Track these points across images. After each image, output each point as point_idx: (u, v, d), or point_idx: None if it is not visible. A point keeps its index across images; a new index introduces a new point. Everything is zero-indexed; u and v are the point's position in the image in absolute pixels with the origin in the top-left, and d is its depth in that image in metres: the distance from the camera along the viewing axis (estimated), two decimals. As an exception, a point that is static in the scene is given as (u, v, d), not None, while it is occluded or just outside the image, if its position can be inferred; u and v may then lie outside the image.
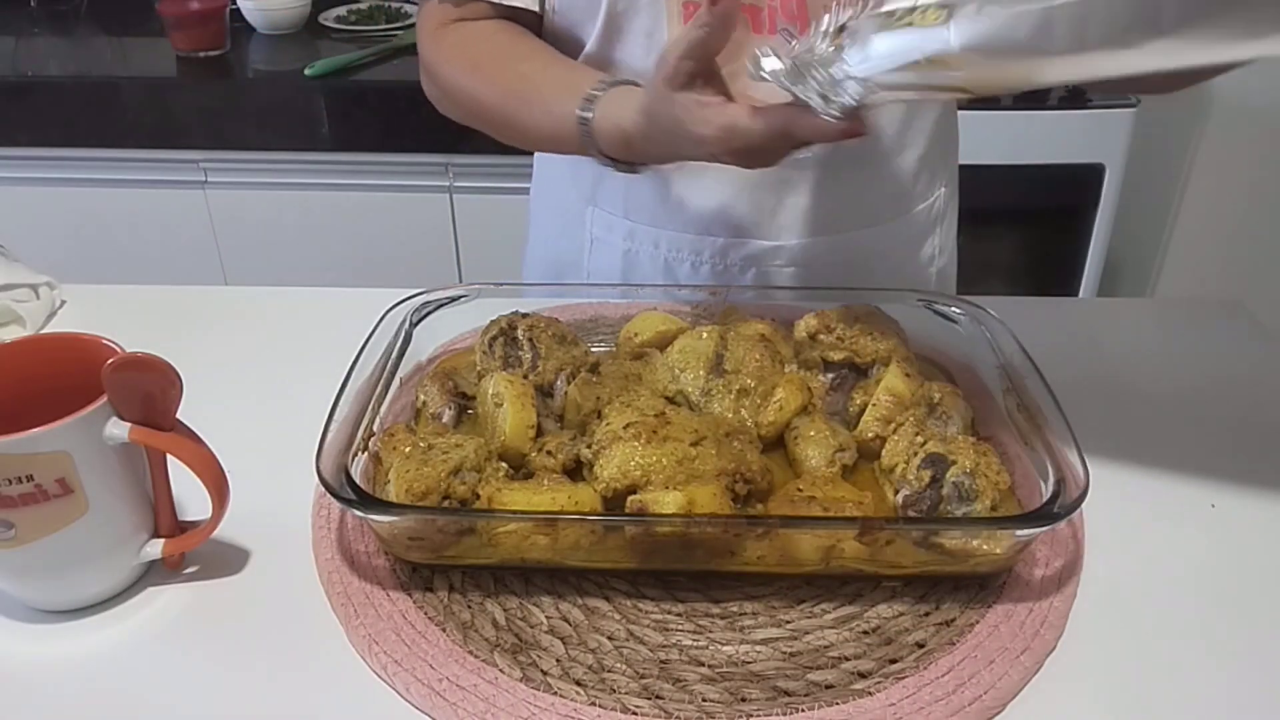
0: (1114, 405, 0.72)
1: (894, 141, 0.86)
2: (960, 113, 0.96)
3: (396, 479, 0.55)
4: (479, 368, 0.67)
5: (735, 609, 0.55)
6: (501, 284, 0.73)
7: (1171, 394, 0.74)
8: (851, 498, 0.57)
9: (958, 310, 0.71)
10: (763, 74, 0.59)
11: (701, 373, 0.65)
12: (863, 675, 0.50)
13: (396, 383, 0.65)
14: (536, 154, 0.99)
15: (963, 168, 0.96)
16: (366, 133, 1.67)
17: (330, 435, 0.56)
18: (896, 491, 0.58)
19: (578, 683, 0.50)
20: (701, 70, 0.61)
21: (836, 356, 0.68)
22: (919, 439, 0.59)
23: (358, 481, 0.53)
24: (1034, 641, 0.52)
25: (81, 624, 0.54)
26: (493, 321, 0.68)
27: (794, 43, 0.59)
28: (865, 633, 0.53)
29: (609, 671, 0.51)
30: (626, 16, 0.79)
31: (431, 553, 0.55)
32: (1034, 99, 1.76)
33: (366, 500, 0.53)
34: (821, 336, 0.68)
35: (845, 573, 0.56)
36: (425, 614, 0.54)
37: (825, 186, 0.85)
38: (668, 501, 0.53)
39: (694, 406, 0.64)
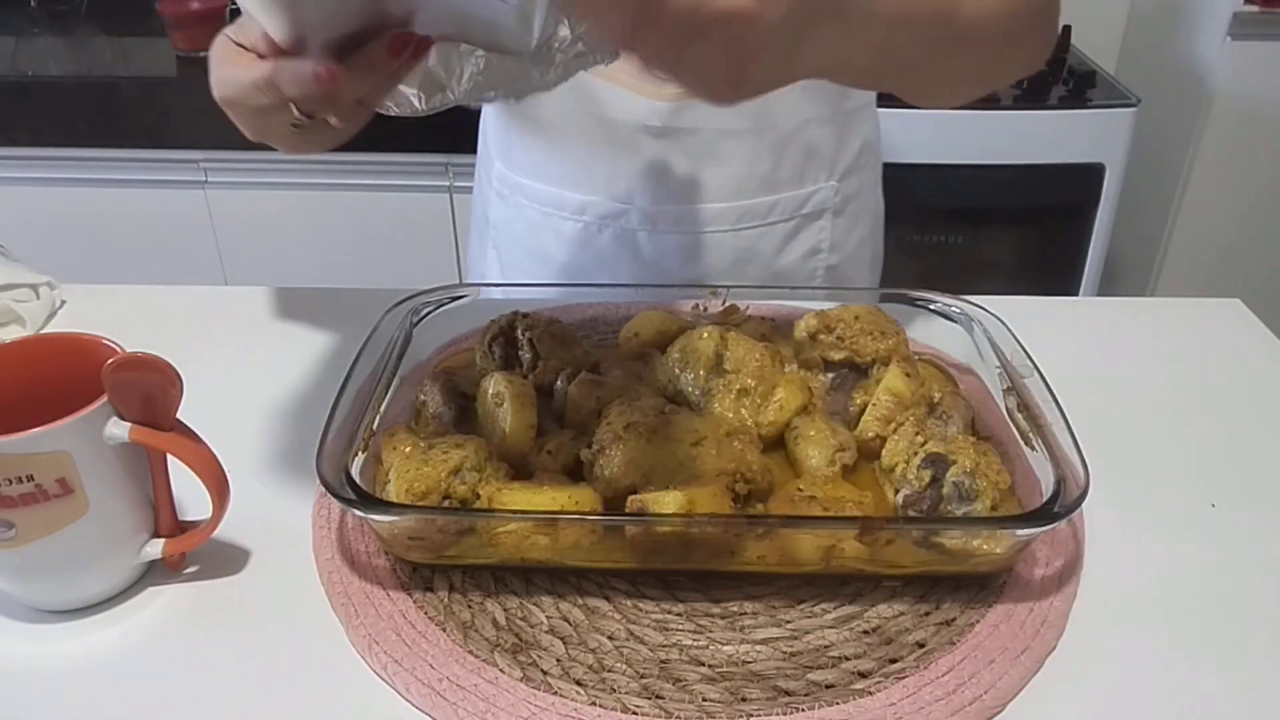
0: (1114, 405, 0.72)
1: (748, 123, 0.86)
2: (961, 112, 0.96)
3: (397, 479, 0.55)
4: (479, 368, 0.67)
5: (735, 609, 0.55)
6: (501, 284, 0.73)
7: (1171, 394, 0.74)
8: (852, 497, 0.57)
9: (958, 310, 0.71)
10: None
11: (702, 372, 0.65)
12: (863, 675, 0.50)
13: (397, 383, 0.65)
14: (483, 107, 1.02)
15: (963, 168, 0.96)
16: (366, 133, 1.67)
17: (330, 435, 0.56)
18: (897, 491, 0.58)
19: (578, 682, 0.50)
20: None
21: (837, 356, 0.68)
22: (919, 439, 0.59)
23: (358, 481, 0.53)
24: (1034, 641, 0.52)
25: (81, 624, 0.54)
26: (493, 321, 0.68)
27: None
28: (865, 632, 0.53)
29: (609, 671, 0.51)
30: None
31: (432, 552, 0.55)
32: (1035, 99, 1.76)
33: (367, 500, 0.53)
34: (822, 336, 0.68)
35: (845, 572, 0.56)
36: (425, 614, 0.54)
37: (676, 158, 0.87)
38: (668, 501, 0.53)
39: (694, 406, 0.64)
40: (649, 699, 0.49)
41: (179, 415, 0.53)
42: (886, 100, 0.84)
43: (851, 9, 0.54)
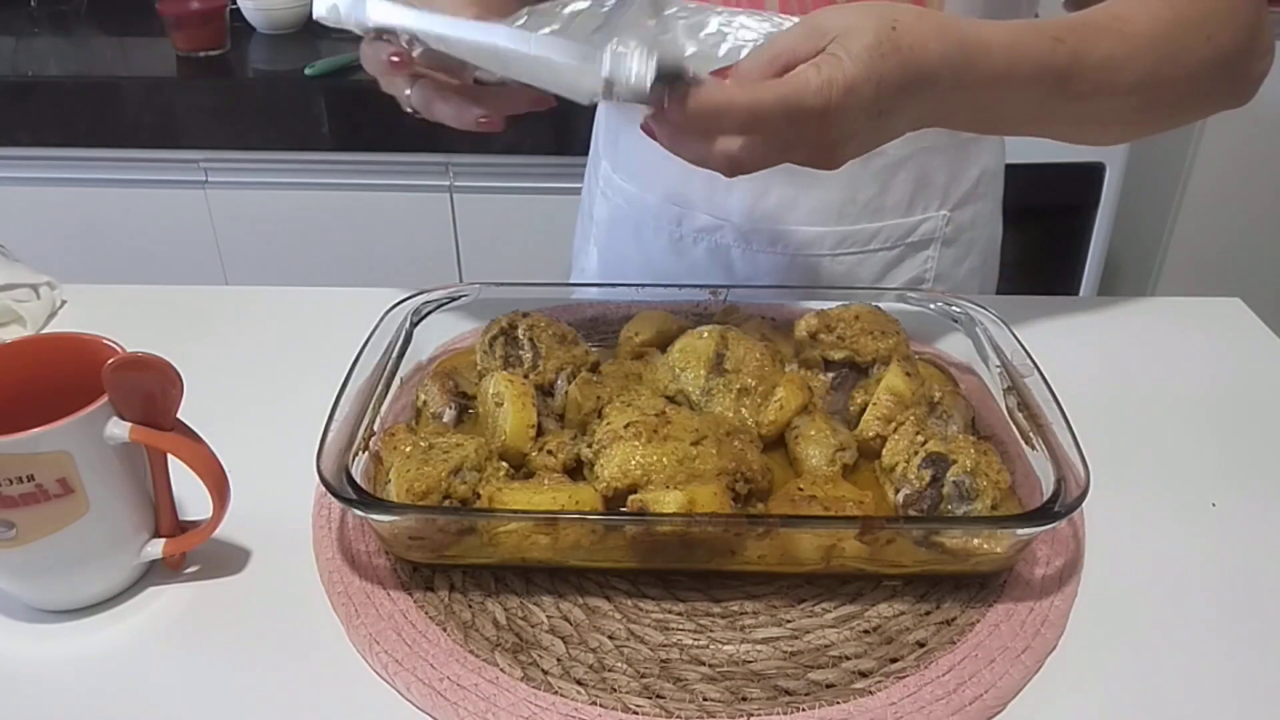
0: (1114, 404, 0.72)
1: None
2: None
3: (397, 478, 0.55)
4: (479, 367, 0.67)
5: (736, 608, 0.55)
6: (501, 283, 0.73)
7: (1171, 393, 0.74)
8: (852, 497, 0.57)
9: (958, 309, 0.71)
10: None
11: (702, 372, 0.65)
12: (863, 674, 0.50)
13: (397, 382, 0.65)
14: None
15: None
16: (366, 133, 1.67)
17: (331, 435, 0.56)
18: (897, 491, 0.58)
19: (579, 682, 0.50)
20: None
21: (837, 356, 0.68)
22: (919, 438, 0.59)
23: (358, 481, 0.53)
24: (1035, 640, 0.52)
25: (82, 624, 0.54)
26: (493, 321, 0.68)
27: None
28: (866, 632, 0.53)
29: (610, 671, 0.51)
30: None
31: (432, 552, 0.55)
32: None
33: (367, 500, 0.53)
34: (822, 335, 0.68)
35: (846, 572, 0.56)
36: (426, 613, 0.54)
37: (774, 175, 0.81)
38: (668, 501, 0.53)
39: (694, 406, 0.64)
40: (649, 698, 0.49)
41: (179, 415, 0.53)
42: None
43: (938, 80, 0.55)
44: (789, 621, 0.54)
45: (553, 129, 1.64)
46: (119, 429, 0.51)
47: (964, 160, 0.89)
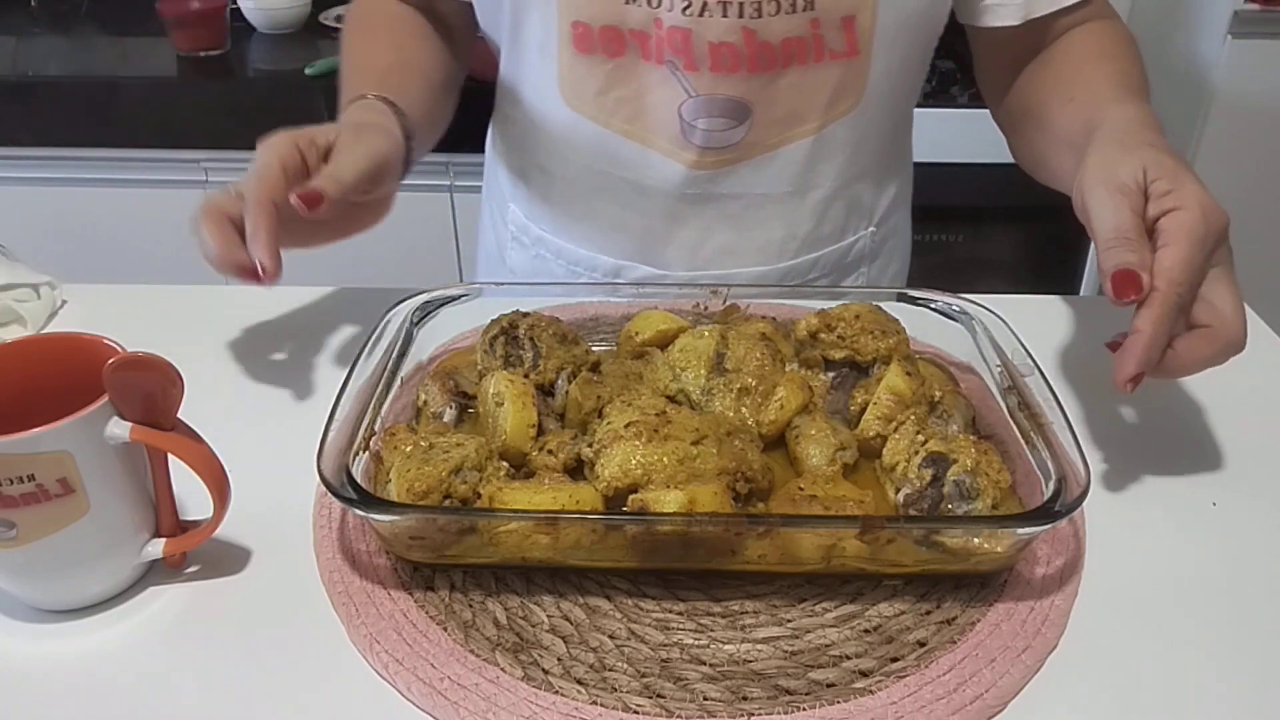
0: (1115, 403, 0.72)
1: (790, 186, 0.85)
2: (962, 111, 0.96)
3: (397, 478, 0.55)
4: (480, 367, 0.67)
5: (736, 608, 0.55)
6: (502, 283, 0.73)
7: (1172, 393, 0.74)
8: (852, 496, 0.57)
9: (958, 308, 0.71)
10: None
11: (702, 372, 0.65)
12: (864, 674, 0.50)
13: (397, 382, 0.65)
14: (487, 138, 1.01)
15: (963, 166, 0.96)
16: (366, 132, 1.67)
17: (331, 435, 0.56)
18: (897, 490, 0.58)
19: (579, 682, 0.50)
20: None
21: (837, 355, 0.68)
22: (920, 438, 0.59)
23: (359, 481, 0.53)
24: (1035, 640, 0.52)
25: (82, 624, 0.54)
26: (494, 320, 0.68)
27: None
28: (866, 631, 0.53)
29: (610, 670, 0.51)
30: (524, 29, 0.80)
31: (433, 552, 0.55)
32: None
33: (367, 499, 0.53)
34: (822, 335, 0.68)
35: (846, 571, 0.56)
36: (426, 613, 0.54)
37: (715, 223, 0.86)
38: (669, 500, 0.53)
39: (695, 405, 0.64)
40: (650, 698, 0.49)
41: (180, 415, 0.53)
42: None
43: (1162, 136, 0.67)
44: (789, 621, 0.54)
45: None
46: (119, 429, 0.51)
47: (887, 178, 0.91)
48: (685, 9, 0.73)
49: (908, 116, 0.94)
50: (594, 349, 0.70)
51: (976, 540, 0.53)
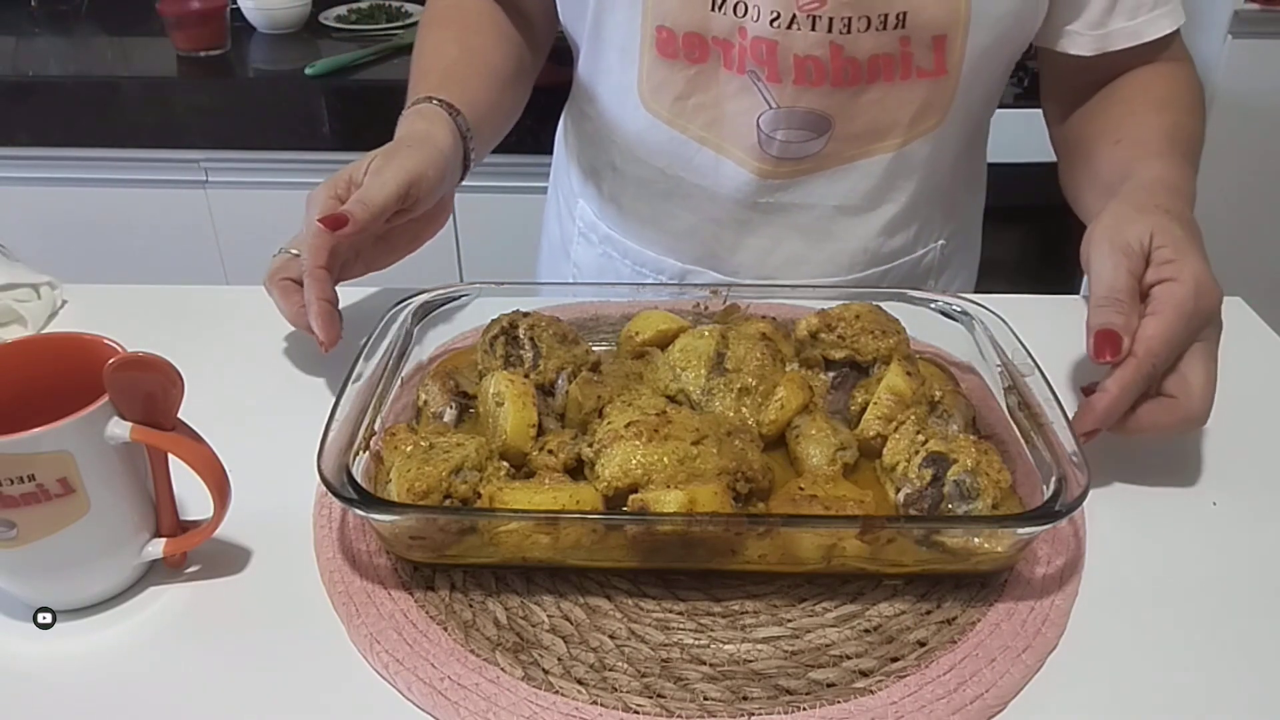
0: (1115, 404, 0.72)
1: (864, 201, 0.85)
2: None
3: (398, 478, 0.55)
4: (480, 367, 0.67)
5: (737, 608, 0.55)
6: (502, 283, 0.73)
7: (1172, 392, 0.74)
8: (853, 496, 0.57)
9: (958, 308, 0.71)
10: None
11: (702, 371, 0.65)
12: (864, 674, 0.50)
13: (398, 382, 0.65)
14: (558, 130, 1.01)
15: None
16: (367, 132, 1.65)
17: (331, 435, 0.56)
18: (898, 490, 0.58)
19: (579, 681, 0.50)
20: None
21: (838, 355, 0.67)
22: (920, 437, 0.59)
23: (359, 481, 0.53)
24: (1035, 640, 0.52)
25: (82, 624, 0.54)
26: (494, 320, 0.68)
27: None
28: (866, 631, 0.53)
29: (610, 670, 0.51)
30: (607, 28, 0.80)
31: (433, 552, 0.55)
32: (1035, 98, 1.75)
33: (368, 499, 0.53)
34: (823, 335, 0.68)
35: (846, 571, 0.56)
36: (427, 613, 0.54)
37: (785, 233, 0.86)
38: (669, 500, 0.53)
39: (695, 405, 0.64)
40: (650, 698, 0.49)
41: (180, 415, 0.53)
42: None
43: (1188, 207, 0.69)
44: (790, 621, 0.54)
45: (553, 129, 1.64)
46: (120, 429, 0.51)
47: (961, 191, 0.92)
48: (773, 20, 0.74)
49: (984, 131, 0.94)
50: (594, 349, 0.70)
51: (977, 540, 0.53)
